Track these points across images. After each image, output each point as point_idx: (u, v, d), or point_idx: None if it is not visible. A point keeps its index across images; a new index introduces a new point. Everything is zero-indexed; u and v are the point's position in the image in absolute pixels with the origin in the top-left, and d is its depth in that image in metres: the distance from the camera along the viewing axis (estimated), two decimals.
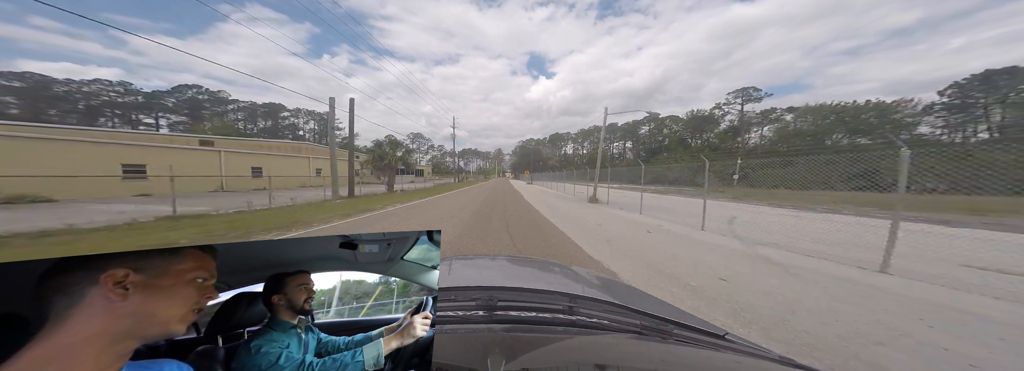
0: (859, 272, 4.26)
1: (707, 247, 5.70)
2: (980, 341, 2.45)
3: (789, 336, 2.51)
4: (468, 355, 0.68)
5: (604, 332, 0.87)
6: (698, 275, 4.06)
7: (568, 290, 1.21)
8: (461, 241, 6.01)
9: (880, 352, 2.26)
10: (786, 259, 4.87)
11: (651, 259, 4.85)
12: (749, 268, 4.36)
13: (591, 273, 1.83)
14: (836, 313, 2.93)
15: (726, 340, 0.94)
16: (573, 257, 4.96)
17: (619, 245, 5.86)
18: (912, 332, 2.58)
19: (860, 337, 2.48)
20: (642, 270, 4.31)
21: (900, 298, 3.34)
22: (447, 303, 0.97)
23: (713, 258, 4.88)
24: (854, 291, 3.54)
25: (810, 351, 2.29)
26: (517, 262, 2.05)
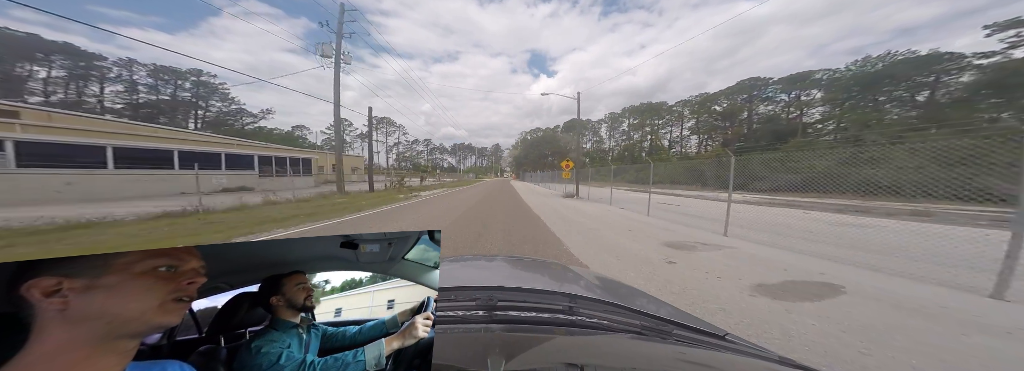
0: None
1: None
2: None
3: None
4: (468, 355, 0.68)
5: (604, 332, 0.87)
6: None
7: (568, 290, 1.22)
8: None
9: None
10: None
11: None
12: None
13: (591, 273, 1.83)
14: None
15: (726, 340, 0.94)
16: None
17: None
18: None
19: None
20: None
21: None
22: (447, 303, 0.97)
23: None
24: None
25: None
26: (517, 262, 2.05)
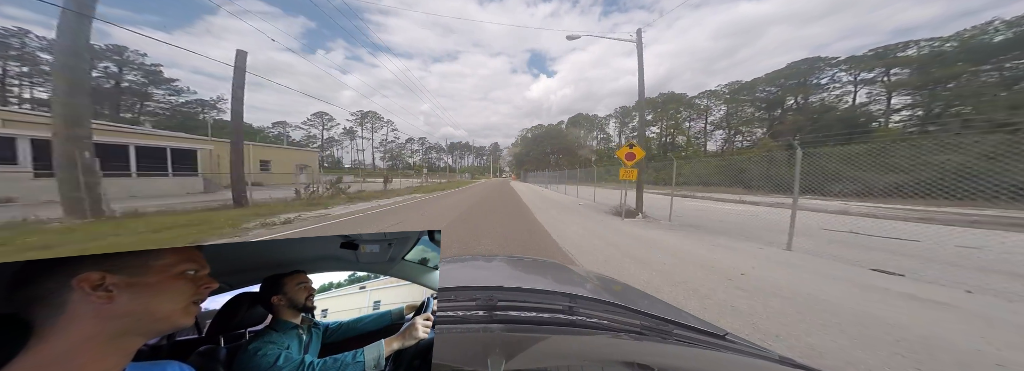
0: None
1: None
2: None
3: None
4: (468, 355, 0.68)
5: (604, 332, 0.87)
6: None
7: (568, 290, 1.22)
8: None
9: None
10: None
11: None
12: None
13: (591, 273, 1.83)
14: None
15: (726, 340, 0.94)
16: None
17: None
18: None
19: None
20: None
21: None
22: (447, 303, 0.97)
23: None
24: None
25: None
26: (517, 262, 2.05)
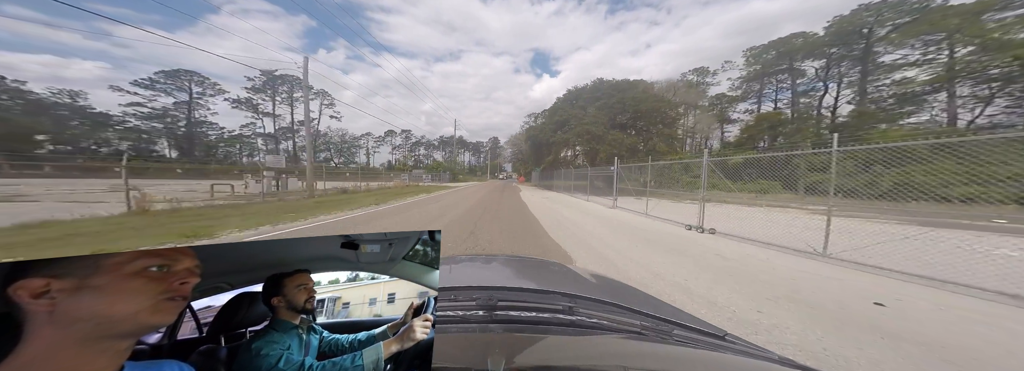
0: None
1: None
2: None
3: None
4: (468, 355, 0.68)
5: (604, 332, 0.87)
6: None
7: (568, 290, 1.22)
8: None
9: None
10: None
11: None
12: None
13: (591, 273, 1.83)
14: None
15: (726, 341, 0.94)
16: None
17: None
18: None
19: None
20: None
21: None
22: (447, 303, 0.97)
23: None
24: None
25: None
26: (517, 262, 2.05)
